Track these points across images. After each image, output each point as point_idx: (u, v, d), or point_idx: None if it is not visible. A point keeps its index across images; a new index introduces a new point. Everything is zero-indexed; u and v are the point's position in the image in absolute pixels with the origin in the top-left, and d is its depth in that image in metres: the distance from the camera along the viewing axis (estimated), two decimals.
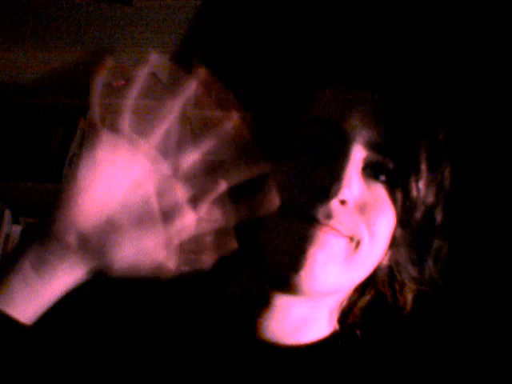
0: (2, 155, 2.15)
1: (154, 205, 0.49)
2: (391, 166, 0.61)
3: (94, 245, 0.48)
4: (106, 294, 0.64)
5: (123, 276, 0.50)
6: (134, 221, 0.48)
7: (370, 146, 0.61)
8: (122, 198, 0.49)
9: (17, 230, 2.16)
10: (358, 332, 0.67)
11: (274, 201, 0.51)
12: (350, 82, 0.64)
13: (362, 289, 0.66)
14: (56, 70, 2.27)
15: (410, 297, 0.66)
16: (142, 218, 0.49)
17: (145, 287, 0.65)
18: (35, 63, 2.26)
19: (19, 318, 0.47)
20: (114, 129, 0.48)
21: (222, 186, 0.50)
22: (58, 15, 2.08)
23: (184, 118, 0.49)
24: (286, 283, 0.59)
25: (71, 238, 0.48)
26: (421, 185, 0.62)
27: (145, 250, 0.49)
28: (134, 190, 0.49)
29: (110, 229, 0.48)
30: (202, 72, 0.48)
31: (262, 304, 0.63)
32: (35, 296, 0.48)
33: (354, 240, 0.60)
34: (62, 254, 0.48)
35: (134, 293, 0.65)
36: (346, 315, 0.67)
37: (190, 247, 0.50)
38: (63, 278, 0.49)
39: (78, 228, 0.47)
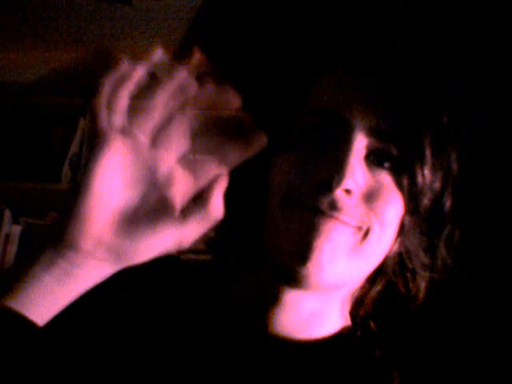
0: (2, 155, 2.15)
1: (164, 193, 0.48)
2: (395, 152, 0.60)
3: (113, 246, 0.47)
4: (114, 289, 0.64)
5: (133, 269, 0.50)
6: (148, 213, 0.48)
7: (372, 132, 0.59)
8: (132, 195, 0.48)
9: (17, 229, 2.15)
10: (371, 323, 0.66)
11: (261, 136, 0.49)
12: (348, 67, 0.62)
13: (372, 279, 0.65)
14: (56, 69, 2.27)
15: (422, 285, 0.65)
16: (155, 209, 0.48)
17: (155, 283, 0.65)
18: (35, 63, 2.26)
19: (36, 321, 0.46)
20: (116, 128, 0.47)
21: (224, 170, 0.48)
22: (57, 15, 2.08)
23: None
24: (294, 277, 0.58)
25: (90, 246, 0.46)
26: (426, 170, 0.60)
27: (164, 237, 0.48)
28: (142, 184, 0.48)
29: (126, 227, 0.47)
30: (200, 60, 0.47)
31: (271, 299, 0.62)
32: (55, 302, 0.47)
33: (362, 229, 0.59)
34: (84, 262, 0.47)
35: (142, 289, 0.64)
36: (357, 307, 0.66)
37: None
38: (86, 283, 0.48)
39: (95, 234, 0.46)
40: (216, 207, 0.48)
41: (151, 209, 0.48)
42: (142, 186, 0.48)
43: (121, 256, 0.47)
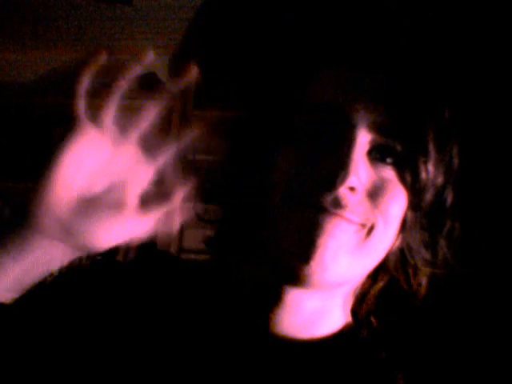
0: (2, 155, 2.15)
1: (127, 187, 0.51)
2: (398, 147, 0.59)
3: (68, 228, 0.49)
4: (115, 280, 0.64)
5: (133, 262, 0.51)
6: (109, 204, 0.50)
7: (375, 128, 0.59)
8: (96, 184, 0.50)
9: None
10: (373, 320, 0.65)
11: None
12: (350, 63, 0.62)
13: (374, 276, 0.64)
14: (56, 69, 2.27)
15: (424, 281, 0.65)
16: (116, 201, 0.50)
17: (155, 283, 0.65)
18: (35, 63, 2.26)
19: None
20: (95, 123, 0.49)
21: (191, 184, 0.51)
22: (58, 15, 2.08)
23: (183, 118, 0.50)
24: (297, 276, 0.57)
25: (44, 223, 0.48)
26: (430, 166, 0.60)
27: (121, 228, 0.50)
28: (108, 175, 0.51)
29: (84, 212, 0.49)
30: (194, 71, 0.49)
31: (273, 299, 0.61)
32: (9, 278, 0.49)
33: (365, 226, 0.59)
34: (36, 239, 0.49)
35: (142, 289, 0.64)
36: (359, 304, 0.66)
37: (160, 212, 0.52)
38: (42, 263, 0.50)
39: (51, 213, 0.48)
40: (173, 229, 0.51)
41: (113, 200, 0.50)
42: (106, 178, 0.51)
43: (75, 239, 0.49)
